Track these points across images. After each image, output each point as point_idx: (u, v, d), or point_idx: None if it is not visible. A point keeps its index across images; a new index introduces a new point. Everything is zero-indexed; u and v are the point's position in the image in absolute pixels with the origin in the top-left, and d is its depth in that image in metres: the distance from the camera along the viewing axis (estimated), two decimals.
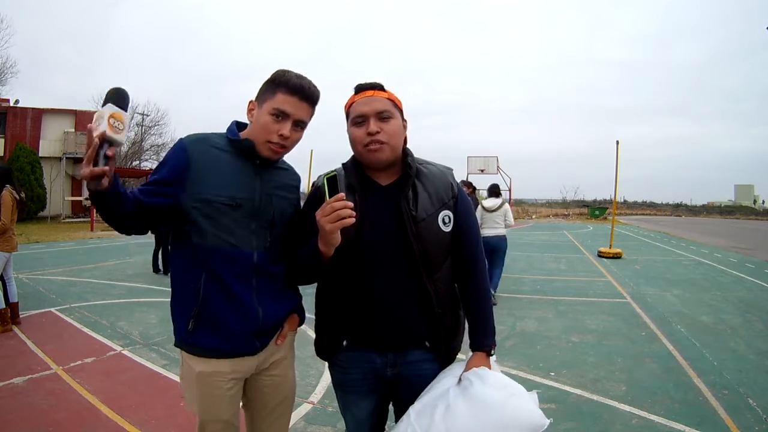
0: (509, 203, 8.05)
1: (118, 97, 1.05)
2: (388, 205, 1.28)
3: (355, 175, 1.31)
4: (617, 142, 10.30)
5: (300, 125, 1.28)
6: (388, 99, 1.28)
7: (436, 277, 1.29)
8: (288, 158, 1.46)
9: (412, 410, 1.24)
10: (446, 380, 1.28)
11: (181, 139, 1.27)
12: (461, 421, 1.17)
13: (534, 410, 1.19)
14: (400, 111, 1.32)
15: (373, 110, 1.25)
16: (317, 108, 1.34)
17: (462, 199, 1.35)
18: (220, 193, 1.23)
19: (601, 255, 10.52)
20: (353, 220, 1.13)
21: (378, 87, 1.29)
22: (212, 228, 1.23)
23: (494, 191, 6.11)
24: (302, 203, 1.43)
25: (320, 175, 1.40)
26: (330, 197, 1.14)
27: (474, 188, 6.84)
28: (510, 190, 28.06)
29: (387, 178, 1.33)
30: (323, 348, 1.40)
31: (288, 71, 1.26)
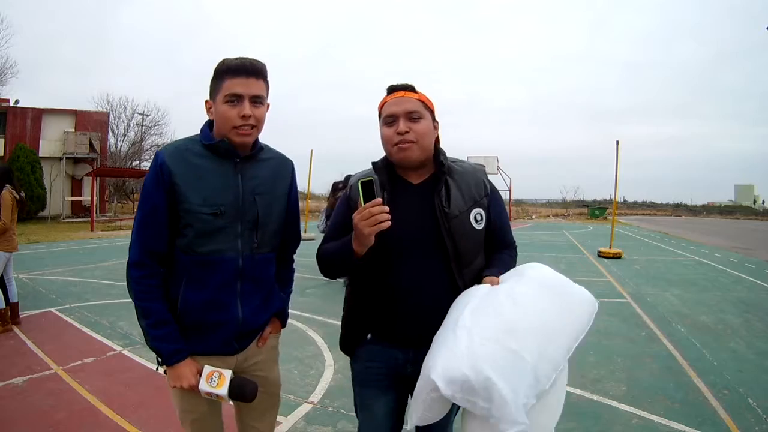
0: (509, 203, 8.23)
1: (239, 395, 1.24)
2: (420, 203, 1.32)
3: (386, 174, 1.34)
4: (617, 142, 10.31)
5: (257, 100, 1.24)
6: (419, 100, 1.31)
7: (465, 272, 1.32)
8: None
9: (462, 319, 1.11)
10: (478, 290, 1.21)
11: (157, 153, 1.24)
12: (539, 303, 1.10)
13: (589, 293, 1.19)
14: (431, 112, 1.34)
15: (403, 110, 1.28)
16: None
17: (494, 197, 1.40)
18: (202, 203, 1.22)
19: (601, 255, 10.52)
20: (389, 223, 1.16)
21: (409, 88, 1.32)
22: (195, 236, 1.23)
23: None
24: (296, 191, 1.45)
25: (353, 176, 1.44)
26: (365, 201, 1.16)
27: None
28: (510, 190, 28.06)
29: (418, 176, 1.36)
30: (348, 341, 1.43)
31: (226, 58, 1.24)
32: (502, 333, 1.05)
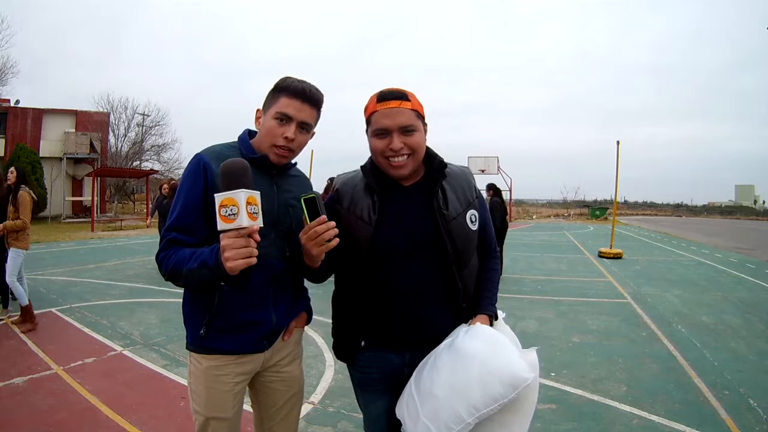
0: (509, 203, 8.26)
1: (242, 178, 1.02)
2: (413, 205, 1.29)
3: (374, 176, 1.30)
4: (617, 143, 10.31)
5: (305, 127, 1.27)
6: (412, 110, 1.24)
7: (464, 273, 1.32)
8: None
9: (413, 375, 1.27)
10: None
11: (198, 155, 1.24)
12: (443, 374, 1.16)
13: (516, 362, 1.12)
14: (422, 118, 1.29)
15: (397, 125, 1.21)
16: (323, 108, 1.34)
17: (482, 199, 1.42)
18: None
19: (601, 255, 10.52)
20: (337, 241, 1.13)
21: (403, 97, 1.24)
22: None
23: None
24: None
25: (338, 177, 1.43)
26: (310, 219, 1.11)
27: (497, 191, 6.80)
28: (510, 190, 28.07)
29: (409, 179, 1.33)
30: (342, 350, 1.39)
31: (289, 77, 1.27)
32: (416, 389, 1.22)
